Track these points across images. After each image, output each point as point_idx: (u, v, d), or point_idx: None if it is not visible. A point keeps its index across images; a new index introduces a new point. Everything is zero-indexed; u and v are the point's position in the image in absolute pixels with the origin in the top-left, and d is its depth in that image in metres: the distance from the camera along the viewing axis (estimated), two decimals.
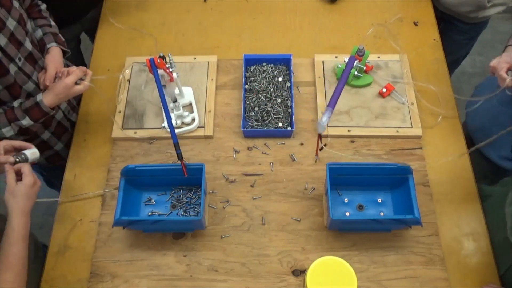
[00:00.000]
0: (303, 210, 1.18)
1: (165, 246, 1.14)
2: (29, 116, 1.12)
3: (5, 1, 1.07)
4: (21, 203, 0.97)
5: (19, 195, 0.97)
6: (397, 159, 1.25)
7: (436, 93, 1.35)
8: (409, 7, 1.57)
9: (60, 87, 1.12)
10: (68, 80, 1.12)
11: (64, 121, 1.35)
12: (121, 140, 1.30)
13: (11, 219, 0.95)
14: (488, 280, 1.09)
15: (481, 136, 1.43)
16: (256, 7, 1.58)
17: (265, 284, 1.09)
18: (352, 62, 1.10)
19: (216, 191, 1.21)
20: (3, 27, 1.06)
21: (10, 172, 0.99)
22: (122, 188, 1.09)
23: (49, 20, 1.27)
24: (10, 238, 0.94)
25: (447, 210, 1.18)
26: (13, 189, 0.97)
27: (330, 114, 0.99)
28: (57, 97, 1.13)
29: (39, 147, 1.31)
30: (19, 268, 0.93)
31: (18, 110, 1.12)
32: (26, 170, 1.00)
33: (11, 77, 1.10)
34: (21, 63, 1.13)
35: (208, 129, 1.29)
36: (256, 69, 1.38)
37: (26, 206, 0.98)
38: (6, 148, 1.03)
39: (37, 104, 1.12)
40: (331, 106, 1.01)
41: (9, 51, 1.08)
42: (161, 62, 1.10)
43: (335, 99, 1.02)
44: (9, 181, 0.98)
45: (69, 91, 1.13)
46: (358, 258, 1.12)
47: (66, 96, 1.14)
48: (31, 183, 0.99)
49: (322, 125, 0.98)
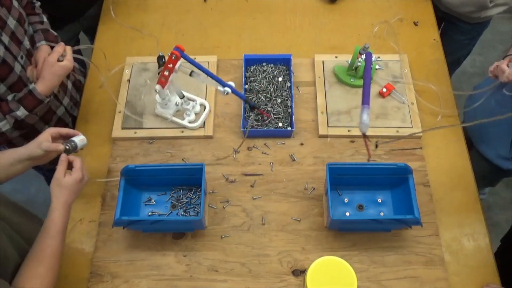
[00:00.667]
0: (303, 210, 1.18)
1: (165, 246, 1.14)
2: (24, 105, 1.11)
3: (5, 1, 1.07)
4: (65, 195, 0.97)
5: (65, 187, 0.98)
6: (397, 159, 1.25)
7: (436, 93, 1.35)
8: (409, 7, 1.57)
9: (44, 69, 1.10)
10: (49, 58, 1.10)
11: (65, 116, 1.35)
12: (121, 140, 1.30)
13: (52, 211, 0.96)
14: (488, 280, 1.09)
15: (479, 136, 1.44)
16: (256, 7, 1.58)
17: (265, 284, 1.09)
18: (370, 58, 1.10)
19: (216, 191, 1.21)
20: (5, 26, 1.06)
21: (63, 163, 1.00)
22: (122, 188, 1.09)
23: (42, 17, 1.27)
24: (48, 230, 0.94)
25: (447, 210, 1.18)
26: (60, 180, 0.98)
27: (368, 111, 0.98)
28: (47, 81, 1.11)
29: None
30: (53, 261, 0.92)
31: (12, 102, 1.11)
32: (78, 165, 1.01)
33: (16, 75, 1.11)
34: (23, 61, 1.13)
35: (208, 129, 1.29)
36: (256, 69, 1.38)
37: (69, 199, 0.98)
38: (53, 136, 1.03)
39: (30, 92, 1.10)
40: (366, 103, 0.99)
41: (12, 49, 1.09)
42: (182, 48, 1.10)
43: (367, 95, 1.01)
44: (59, 171, 0.99)
45: (53, 69, 1.10)
46: (358, 258, 1.12)
47: (54, 76, 1.11)
48: (78, 178, 1.00)
49: (365, 124, 0.96)
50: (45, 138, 1.02)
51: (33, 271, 0.89)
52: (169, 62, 1.10)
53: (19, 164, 1.02)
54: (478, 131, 1.43)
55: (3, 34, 1.06)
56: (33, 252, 0.92)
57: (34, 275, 0.89)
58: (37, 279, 0.89)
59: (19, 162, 1.02)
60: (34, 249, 0.92)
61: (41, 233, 0.94)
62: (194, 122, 1.28)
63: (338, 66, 1.36)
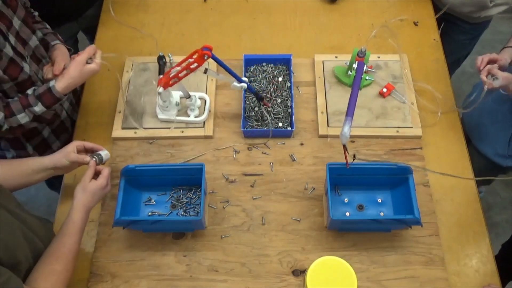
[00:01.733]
0: (303, 210, 1.18)
1: (165, 246, 1.14)
2: (42, 102, 1.11)
3: (11, 1, 1.07)
4: (87, 199, 1.01)
5: (88, 191, 1.02)
6: (397, 159, 1.25)
7: (436, 93, 1.35)
8: (409, 7, 1.57)
9: (72, 67, 1.10)
10: (80, 58, 1.10)
11: (66, 121, 1.36)
12: (121, 140, 1.30)
13: (73, 212, 0.99)
14: (488, 280, 1.09)
15: (477, 134, 1.44)
16: (256, 7, 1.58)
17: (265, 284, 1.09)
18: (361, 68, 1.10)
19: (216, 191, 1.21)
20: (11, 26, 1.06)
21: (91, 169, 1.05)
22: (122, 188, 1.09)
23: (44, 24, 1.28)
24: (67, 229, 0.96)
25: (447, 210, 1.18)
26: (86, 184, 1.02)
27: (350, 123, 1.00)
28: (71, 79, 1.11)
29: (39, 146, 1.32)
30: (69, 259, 0.93)
31: (31, 96, 1.11)
32: (105, 172, 1.06)
33: (26, 74, 1.11)
34: (29, 61, 1.13)
35: (208, 129, 1.29)
36: (256, 69, 1.38)
37: (89, 203, 1.02)
38: (78, 148, 1.09)
39: (49, 90, 1.11)
40: (349, 115, 1.00)
41: (19, 49, 1.09)
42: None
43: (352, 107, 1.02)
44: (86, 176, 1.03)
45: (81, 70, 1.10)
46: (358, 258, 1.12)
47: (79, 77, 1.11)
48: (103, 185, 1.04)
49: (345, 136, 0.98)
50: (72, 150, 1.07)
51: (49, 268, 0.91)
52: (196, 61, 1.09)
53: (42, 173, 1.07)
54: (476, 129, 1.43)
55: (10, 35, 1.06)
56: (51, 249, 0.94)
57: (50, 272, 0.90)
58: (53, 275, 0.90)
59: (43, 170, 1.06)
60: (51, 247, 0.94)
61: (60, 232, 0.97)
62: (200, 116, 1.29)
63: (337, 67, 1.36)
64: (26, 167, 1.05)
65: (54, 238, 0.97)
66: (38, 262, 0.92)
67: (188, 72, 1.12)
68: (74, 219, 0.98)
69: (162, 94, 1.18)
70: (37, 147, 1.32)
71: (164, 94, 1.19)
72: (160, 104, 1.25)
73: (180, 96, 1.29)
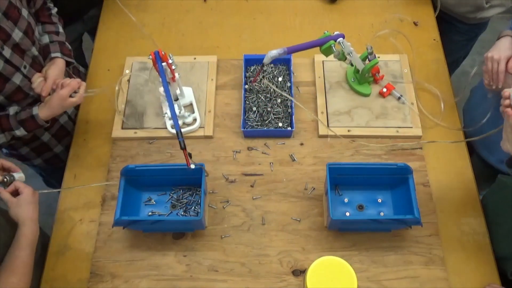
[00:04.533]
0: (303, 210, 1.18)
1: (165, 246, 1.14)
2: (24, 127, 1.13)
3: (12, 12, 1.05)
4: (28, 211, 1.00)
5: (24, 204, 1.00)
6: (397, 159, 1.25)
7: (436, 93, 1.35)
8: (409, 7, 1.57)
9: (54, 100, 1.11)
10: (62, 92, 1.11)
11: (67, 124, 1.35)
12: (121, 140, 1.30)
13: (21, 226, 0.99)
14: (488, 280, 1.09)
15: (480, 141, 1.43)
16: (256, 7, 1.58)
17: (265, 284, 1.09)
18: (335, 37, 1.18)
19: (216, 191, 1.21)
20: (8, 39, 1.05)
21: (4, 192, 1.01)
22: (122, 188, 1.09)
23: (58, 27, 1.26)
24: (19, 243, 0.97)
25: (447, 210, 1.18)
26: (15, 202, 1.00)
27: (281, 52, 1.15)
28: (52, 110, 1.13)
29: (38, 149, 1.32)
30: (24, 272, 0.96)
31: (13, 120, 1.12)
32: (21, 184, 1.03)
33: (14, 85, 1.10)
34: (26, 70, 1.12)
35: (208, 129, 1.29)
36: (256, 69, 1.38)
37: (33, 213, 1.01)
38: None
39: (32, 117, 1.12)
40: (289, 50, 1.15)
41: (14, 61, 1.08)
42: (165, 56, 1.10)
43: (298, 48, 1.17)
44: (7, 197, 1.00)
45: (63, 103, 1.12)
46: (358, 258, 1.12)
47: (61, 108, 1.13)
48: (30, 192, 1.02)
49: (268, 56, 1.12)
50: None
51: (6, 281, 0.93)
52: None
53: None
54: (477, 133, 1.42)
55: (5, 48, 1.05)
56: (6, 263, 0.96)
57: (8, 285, 0.93)
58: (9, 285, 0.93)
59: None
60: (6, 261, 0.96)
61: (12, 245, 0.98)
62: (193, 124, 1.28)
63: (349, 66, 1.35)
64: None
65: (8, 251, 0.97)
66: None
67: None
68: (25, 232, 0.98)
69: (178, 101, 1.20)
70: (35, 149, 1.32)
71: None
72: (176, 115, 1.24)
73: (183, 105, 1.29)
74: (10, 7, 1.04)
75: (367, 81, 1.33)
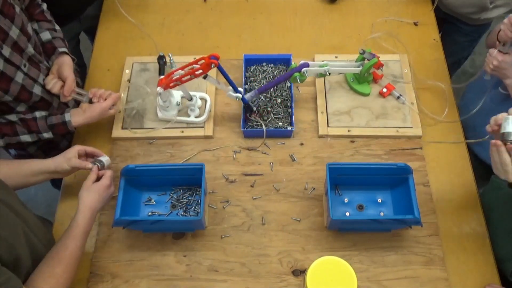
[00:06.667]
0: (303, 210, 1.18)
1: (165, 246, 1.14)
2: (53, 131, 1.16)
3: (8, 10, 1.05)
4: (92, 199, 1.02)
5: (92, 191, 1.03)
6: (397, 159, 1.25)
7: (436, 93, 1.35)
8: (409, 7, 1.57)
9: (95, 110, 1.17)
10: (106, 104, 1.17)
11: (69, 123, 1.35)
12: (121, 140, 1.30)
13: (77, 213, 1.00)
14: (488, 280, 1.09)
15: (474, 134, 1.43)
16: (256, 7, 1.58)
17: (265, 284, 1.09)
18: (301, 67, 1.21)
19: (216, 191, 1.21)
20: (6, 38, 1.04)
21: (94, 173, 1.06)
22: (122, 188, 1.09)
23: (53, 24, 1.26)
24: (71, 232, 0.97)
25: (447, 210, 1.18)
26: (89, 185, 1.03)
27: (253, 95, 1.21)
28: (90, 119, 1.18)
29: (45, 146, 1.32)
30: (70, 263, 0.93)
31: (42, 123, 1.14)
32: (108, 173, 1.08)
33: (18, 85, 1.10)
34: (26, 69, 1.12)
35: (208, 129, 1.29)
36: (256, 69, 1.38)
37: (95, 204, 1.02)
38: (79, 153, 1.10)
39: (64, 123, 1.16)
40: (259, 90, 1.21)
41: (14, 60, 1.07)
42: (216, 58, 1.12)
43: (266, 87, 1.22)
44: (89, 179, 1.04)
45: (104, 114, 1.18)
46: (358, 258, 1.12)
47: (99, 118, 1.18)
48: (106, 184, 1.05)
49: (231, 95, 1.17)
50: (73, 155, 1.08)
51: (49, 270, 0.91)
52: (202, 68, 1.10)
53: (41, 175, 1.07)
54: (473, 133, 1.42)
55: (4, 47, 1.04)
56: (53, 252, 0.94)
57: (50, 275, 0.90)
58: (53, 278, 0.90)
59: (43, 173, 1.07)
60: (54, 249, 0.94)
61: (63, 234, 0.97)
62: (200, 117, 1.29)
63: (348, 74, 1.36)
64: (26, 168, 1.05)
65: (58, 240, 0.96)
66: (40, 263, 0.91)
67: (192, 77, 1.12)
68: (78, 221, 0.98)
69: (162, 94, 1.18)
70: (43, 146, 1.32)
71: (164, 94, 1.19)
72: (160, 104, 1.24)
73: (181, 96, 1.29)
74: (5, 4, 1.03)
75: (367, 80, 1.33)
